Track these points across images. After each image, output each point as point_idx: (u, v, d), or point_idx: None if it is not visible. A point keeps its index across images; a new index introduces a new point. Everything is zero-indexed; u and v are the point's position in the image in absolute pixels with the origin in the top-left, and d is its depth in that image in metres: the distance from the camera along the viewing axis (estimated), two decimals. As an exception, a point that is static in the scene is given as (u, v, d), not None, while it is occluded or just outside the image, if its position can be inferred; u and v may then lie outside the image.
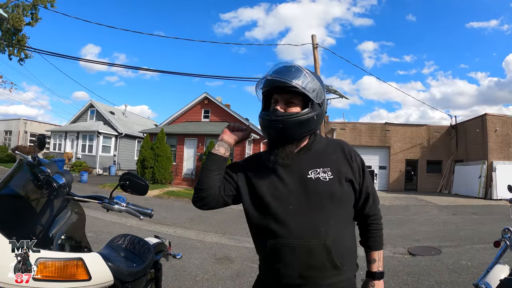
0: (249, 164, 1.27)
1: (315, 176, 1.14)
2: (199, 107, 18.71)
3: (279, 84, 1.13)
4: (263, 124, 1.18)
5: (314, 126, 1.19)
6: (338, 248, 1.10)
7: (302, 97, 1.15)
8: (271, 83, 1.16)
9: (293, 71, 1.15)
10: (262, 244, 1.16)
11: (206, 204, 1.19)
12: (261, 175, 1.19)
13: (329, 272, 1.09)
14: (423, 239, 6.28)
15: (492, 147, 15.20)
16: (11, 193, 1.29)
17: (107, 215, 6.69)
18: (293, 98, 1.15)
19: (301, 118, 1.13)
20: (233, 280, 3.81)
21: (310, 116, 1.15)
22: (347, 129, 19.10)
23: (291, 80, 1.12)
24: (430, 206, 11.73)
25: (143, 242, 2.09)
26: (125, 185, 1.44)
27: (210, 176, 1.17)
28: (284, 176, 1.16)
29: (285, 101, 1.16)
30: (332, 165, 1.17)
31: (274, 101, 1.19)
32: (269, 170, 1.18)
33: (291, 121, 1.12)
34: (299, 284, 1.10)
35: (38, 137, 1.53)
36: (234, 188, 1.22)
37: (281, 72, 1.15)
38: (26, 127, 25.05)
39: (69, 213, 1.34)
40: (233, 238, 6.00)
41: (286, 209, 1.11)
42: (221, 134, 1.24)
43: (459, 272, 4.23)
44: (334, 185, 1.14)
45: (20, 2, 16.73)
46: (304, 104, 1.16)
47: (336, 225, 1.11)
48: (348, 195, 1.18)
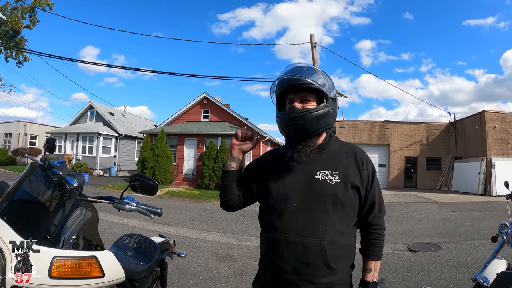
0: (263, 164, 1.34)
1: (323, 177, 1.17)
2: (198, 107, 18.72)
3: (294, 82, 1.17)
4: (282, 123, 1.21)
5: (331, 120, 1.24)
6: (333, 250, 1.13)
7: (316, 93, 1.21)
8: (285, 82, 1.20)
9: (305, 70, 1.21)
10: (264, 237, 1.25)
11: (232, 210, 1.38)
12: (272, 173, 1.25)
13: (322, 271, 1.13)
14: (423, 236, 6.35)
15: (491, 143, 15.25)
16: (26, 196, 1.34)
17: (110, 216, 6.74)
18: (308, 95, 1.20)
19: (318, 112, 1.18)
20: (236, 278, 3.87)
21: (327, 110, 1.20)
22: (346, 127, 19.14)
23: (306, 77, 1.17)
24: (430, 203, 11.79)
25: (149, 241, 2.15)
26: (135, 186, 1.49)
27: (230, 189, 1.31)
28: (294, 174, 1.21)
29: (301, 99, 1.20)
30: (341, 169, 1.19)
31: (290, 101, 1.22)
32: (281, 167, 1.24)
33: (310, 116, 1.16)
34: (293, 279, 1.15)
35: (47, 140, 1.54)
36: (250, 192, 1.34)
37: (294, 71, 1.20)
38: (26, 129, 25.02)
39: (82, 213, 1.40)
40: (235, 237, 6.05)
41: (289, 205, 1.17)
42: (231, 147, 1.27)
43: (458, 267, 4.30)
44: (339, 189, 1.16)
45: (19, 5, 16.72)
46: (319, 100, 1.21)
47: (334, 227, 1.15)
48: (352, 201, 1.19)
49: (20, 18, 16.64)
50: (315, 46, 12.11)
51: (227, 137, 15.67)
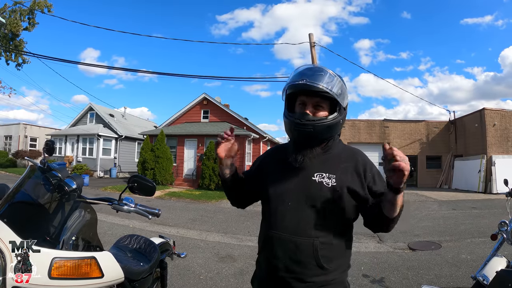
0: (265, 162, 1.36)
1: (319, 179, 1.17)
2: (198, 107, 18.74)
3: (312, 88, 1.13)
4: (291, 127, 1.18)
5: (338, 130, 1.23)
6: (326, 250, 1.14)
7: (330, 101, 1.17)
8: (300, 87, 1.16)
9: (323, 75, 1.15)
10: (261, 234, 1.28)
11: (242, 207, 1.44)
12: (272, 171, 1.27)
13: (314, 270, 1.14)
14: (423, 234, 6.36)
15: (491, 141, 15.26)
16: (25, 198, 1.35)
17: (110, 217, 6.75)
18: (322, 102, 1.17)
19: (330, 123, 1.16)
20: (236, 278, 3.88)
21: (337, 120, 1.18)
22: (346, 126, 19.14)
23: (323, 85, 1.12)
24: (430, 201, 11.80)
25: (149, 242, 2.16)
26: (133, 187, 1.50)
27: (232, 192, 1.37)
28: (292, 174, 1.21)
29: (313, 104, 1.17)
30: (338, 173, 1.18)
31: (301, 103, 1.19)
32: (281, 166, 1.24)
33: (321, 126, 1.14)
34: (284, 277, 1.16)
35: (46, 142, 1.56)
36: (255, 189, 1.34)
37: (311, 76, 1.15)
38: (26, 132, 25.05)
39: (81, 214, 1.41)
40: (235, 237, 6.06)
41: (285, 205, 1.18)
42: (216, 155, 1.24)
43: (459, 265, 4.30)
44: (334, 192, 1.15)
45: (17, 8, 16.75)
46: (331, 108, 1.18)
47: (328, 228, 1.15)
48: (346, 204, 1.16)
49: (19, 21, 16.69)
50: (314, 45, 12.12)
51: (227, 138, 15.65)
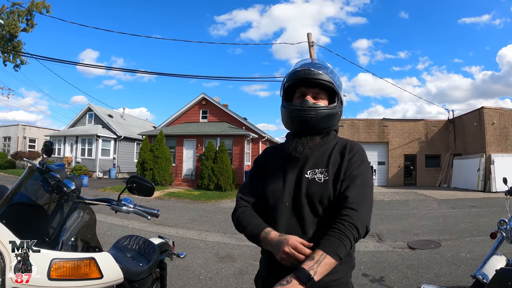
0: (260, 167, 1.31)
1: (312, 176, 1.15)
2: (197, 108, 18.73)
3: (311, 76, 1.15)
4: (292, 114, 1.18)
5: (337, 122, 1.24)
6: None
7: (328, 93, 1.20)
8: (301, 74, 1.17)
9: (323, 66, 1.20)
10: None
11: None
12: (268, 173, 1.25)
13: None
14: (423, 233, 6.36)
15: (490, 140, 15.28)
16: (24, 199, 1.35)
17: (110, 218, 6.75)
18: (321, 92, 1.19)
19: (330, 111, 1.18)
20: (236, 278, 3.88)
21: (337, 110, 1.20)
22: (345, 126, 19.16)
23: (324, 72, 1.16)
24: (429, 200, 11.82)
25: (148, 243, 2.15)
26: (132, 188, 1.50)
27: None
28: (286, 173, 1.20)
29: (313, 94, 1.19)
30: (330, 166, 1.15)
31: (301, 94, 1.20)
32: (275, 167, 1.23)
33: (322, 112, 1.16)
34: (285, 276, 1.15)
35: (45, 143, 1.55)
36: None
37: (313, 65, 1.19)
38: (25, 133, 25.00)
39: (80, 215, 1.40)
40: (234, 237, 6.05)
41: (281, 205, 1.17)
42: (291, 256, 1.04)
43: (458, 264, 4.31)
44: (327, 187, 1.12)
45: (15, 8, 16.70)
46: (329, 100, 1.21)
47: (326, 226, 1.07)
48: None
49: (17, 22, 16.63)
50: (313, 45, 12.13)
51: (226, 137, 15.70)
